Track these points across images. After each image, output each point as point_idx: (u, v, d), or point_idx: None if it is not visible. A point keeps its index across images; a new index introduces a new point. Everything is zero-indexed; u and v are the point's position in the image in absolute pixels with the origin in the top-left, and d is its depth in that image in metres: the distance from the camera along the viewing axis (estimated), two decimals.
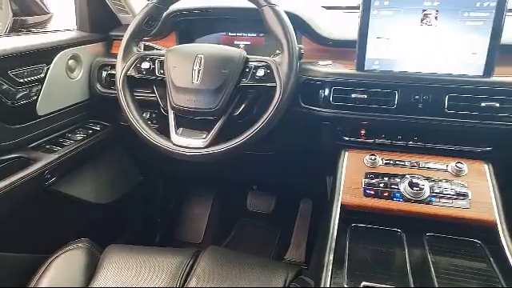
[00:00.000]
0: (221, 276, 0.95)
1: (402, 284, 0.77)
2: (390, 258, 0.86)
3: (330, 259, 0.82)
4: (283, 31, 0.96)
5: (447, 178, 0.98)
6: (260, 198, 1.94)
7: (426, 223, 0.93)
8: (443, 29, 0.99)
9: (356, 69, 1.06)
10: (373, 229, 0.95)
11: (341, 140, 1.12)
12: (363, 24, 1.03)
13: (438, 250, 0.87)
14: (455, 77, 1.00)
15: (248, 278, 0.94)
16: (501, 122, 0.97)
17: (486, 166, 1.00)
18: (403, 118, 1.02)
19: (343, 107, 1.06)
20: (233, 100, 1.01)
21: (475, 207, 0.92)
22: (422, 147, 1.06)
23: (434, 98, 1.00)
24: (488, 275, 0.81)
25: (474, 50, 0.98)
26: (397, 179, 0.99)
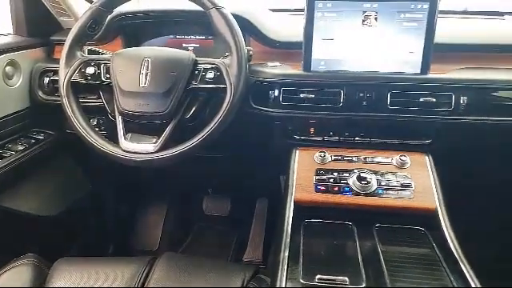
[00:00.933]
0: (177, 282, 0.94)
1: (355, 274, 0.80)
2: (343, 250, 0.89)
3: (285, 256, 0.84)
4: (231, 33, 0.97)
5: (392, 171, 1.03)
6: (216, 201, 1.93)
7: (374, 215, 0.97)
8: (383, 29, 1.04)
9: (303, 70, 1.09)
10: (325, 223, 0.98)
11: (292, 139, 1.15)
12: (308, 26, 1.06)
13: (387, 240, 0.92)
14: (396, 75, 1.05)
15: (205, 281, 0.94)
16: (437, 115, 1.04)
17: (427, 157, 1.07)
18: (349, 115, 1.07)
19: (292, 107, 1.09)
20: (183, 103, 1.01)
21: (418, 197, 0.97)
22: (368, 142, 1.11)
23: (377, 95, 1.05)
24: (431, 260, 0.86)
25: (411, 49, 1.05)
26: (346, 174, 1.02)
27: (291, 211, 0.97)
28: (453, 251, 0.86)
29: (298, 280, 0.78)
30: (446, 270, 0.83)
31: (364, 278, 0.79)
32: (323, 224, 0.98)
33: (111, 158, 0.98)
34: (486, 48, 1.17)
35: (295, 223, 0.95)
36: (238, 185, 1.80)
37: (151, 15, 1.29)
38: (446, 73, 1.07)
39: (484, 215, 1.35)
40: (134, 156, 0.97)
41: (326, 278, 0.78)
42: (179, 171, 1.56)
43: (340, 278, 0.78)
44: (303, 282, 0.78)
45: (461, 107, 1.03)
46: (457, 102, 1.03)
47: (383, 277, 0.79)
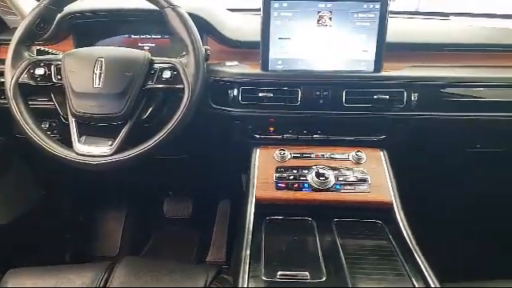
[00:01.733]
0: (138, 285, 0.92)
1: (315, 269, 0.82)
2: (303, 245, 0.90)
3: (247, 254, 0.84)
4: (187, 33, 0.96)
5: (349, 166, 1.06)
6: (177, 204, 1.90)
7: (333, 209, 1.00)
8: (337, 29, 1.06)
9: (261, 69, 1.10)
10: (286, 220, 0.99)
11: (252, 138, 1.15)
12: (265, 25, 1.07)
13: (345, 233, 0.94)
14: (350, 73, 1.08)
15: (167, 283, 0.92)
16: (391, 112, 1.08)
17: (382, 152, 1.11)
18: (307, 113, 1.09)
19: (252, 106, 1.09)
20: (139, 103, 0.99)
21: (374, 191, 1.01)
22: (325, 139, 1.13)
23: (333, 94, 1.07)
24: (388, 251, 0.89)
25: (364, 48, 1.08)
26: (305, 171, 1.04)
27: (252, 209, 0.97)
28: (407, 242, 0.90)
29: (260, 277, 0.79)
30: (402, 260, 0.86)
31: (324, 271, 0.81)
32: (284, 221, 0.99)
33: (65, 162, 0.94)
34: (434, 47, 1.22)
35: (257, 221, 0.96)
36: (200, 186, 1.78)
37: (104, 14, 1.25)
38: (398, 71, 1.11)
39: (437, 206, 1.42)
40: (88, 159, 0.94)
41: (287, 273, 0.79)
42: (138, 174, 1.52)
43: (301, 273, 0.79)
44: (265, 279, 0.78)
45: (412, 103, 1.07)
46: (408, 98, 1.07)
47: (343, 270, 0.81)
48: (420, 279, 0.80)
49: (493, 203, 1.48)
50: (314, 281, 0.78)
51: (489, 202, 1.47)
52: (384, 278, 0.80)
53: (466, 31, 1.34)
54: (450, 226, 1.48)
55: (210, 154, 1.40)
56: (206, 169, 1.52)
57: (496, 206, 1.50)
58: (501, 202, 1.47)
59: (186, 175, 1.64)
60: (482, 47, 1.22)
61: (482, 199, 1.45)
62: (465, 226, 1.49)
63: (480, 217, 1.51)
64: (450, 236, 1.47)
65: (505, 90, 1.11)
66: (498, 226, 1.53)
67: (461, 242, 1.49)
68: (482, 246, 1.52)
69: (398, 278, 0.81)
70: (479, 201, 1.46)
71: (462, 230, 1.49)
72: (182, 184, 1.79)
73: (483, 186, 1.40)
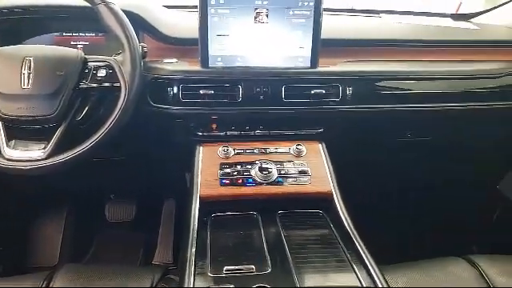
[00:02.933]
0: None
1: (261, 261, 0.83)
2: (249, 239, 0.92)
3: (192, 252, 0.84)
4: (122, 30, 0.94)
5: (290, 160, 1.09)
6: (120, 207, 1.84)
7: (277, 202, 1.02)
8: (274, 26, 1.08)
9: (201, 66, 1.10)
10: (231, 216, 1.00)
11: (195, 135, 1.15)
12: (202, 22, 1.06)
13: (289, 225, 0.97)
14: (288, 69, 1.11)
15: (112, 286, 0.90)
16: (328, 106, 1.12)
17: (320, 145, 1.15)
18: (248, 109, 1.10)
19: (193, 103, 1.08)
20: (73, 104, 0.94)
21: (315, 182, 1.04)
22: (267, 134, 1.15)
23: (273, 90, 1.09)
24: (330, 240, 0.93)
25: (301, 44, 1.11)
26: (248, 166, 1.05)
27: (197, 208, 0.97)
28: (347, 229, 0.94)
29: (207, 274, 0.79)
30: (343, 247, 0.90)
31: (269, 263, 0.82)
32: (229, 217, 1.00)
33: None
34: (367, 42, 1.28)
35: (202, 219, 0.96)
36: (143, 187, 1.74)
37: (32, 10, 1.17)
38: (333, 66, 1.15)
39: (374, 193, 1.49)
40: (19, 165, 0.88)
41: (233, 268, 0.80)
42: (76, 178, 1.45)
43: (247, 266, 0.80)
44: (211, 275, 0.79)
45: (347, 97, 1.12)
46: (344, 92, 1.12)
47: (287, 260, 0.84)
48: (359, 263, 0.84)
49: (423, 188, 1.59)
50: (260, 273, 0.79)
51: (419, 186, 1.58)
52: (326, 265, 0.84)
53: (395, 28, 1.42)
54: (387, 211, 1.57)
55: (152, 154, 1.37)
56: (148, 169, 1.48)
57: (426, 191, 1.61)
58: (430, 186, 1.58)
59: (127, 177, 1.59)
60: (410, 43, 1.29)
61: (413, 185, 1.56)
62: (399, 210, 1.59)
63: (412, 201, 1.62)
64: (386, 220, 1.56)
65: (430, 82, 1.19)
66: (429, 209, 1.65)
67: (396, 225, 1.58)
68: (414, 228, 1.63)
69: (339, 264, 0.85)
70: (411, 186, 1.56)
71: (397, 215, 1.58)
72: (124, 186, 1.74)
73: (414, 172, 1.50)
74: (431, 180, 1.56)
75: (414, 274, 0.98)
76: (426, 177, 1.54)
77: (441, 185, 1.59)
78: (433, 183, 1.58)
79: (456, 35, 1.35)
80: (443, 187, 1.60)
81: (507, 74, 1.19)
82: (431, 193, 1.63)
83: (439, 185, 1.59)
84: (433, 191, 1.63)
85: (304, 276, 0.80)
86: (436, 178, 1.55)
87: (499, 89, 1.19)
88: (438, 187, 1.61)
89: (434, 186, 1.59)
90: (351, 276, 0.81)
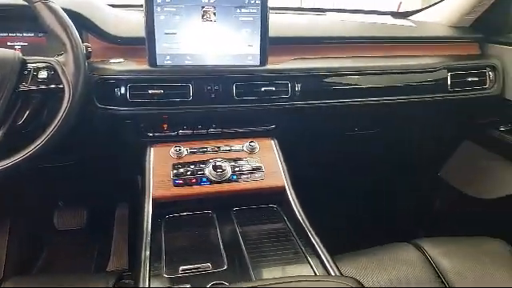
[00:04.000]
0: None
1: (217, 259, 0.84)
2: (205, 238, 0.92)
3: (146, 255, 0.83)
4: (63, 29, 0.90)
5: (244, 157, 1.10)
6: (69, 214, 1.76)
7: (232, 200, 1.03)
8: (222, 24, 1.08)
9: (149, 65, 1.07)
10: (186, 216, 1.00)
11: (145, 136, 1.12)
12: (149, 21, 1.04)
13: (244, 221, 0.98)
14: (238, 67, 1.11)
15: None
16: (278, 102, 1.14)
17: (273, 141, 1.17)
18: (200, 108, 1.09)
19: (142, 104, 1.06)
20: (13, 108, 0.89)
21: (269, 177, 1.06)
22: (220, 133, 1.15)
23: (224, 88, 1.10)
24: (284, 233, 0.95)
25: (249, 42, 1.11)
26: (202, 165, 1.05)
27: (150, 210, 0.95)
28: (301, 223, 0.97)
29: (162, 275, 0.78)
30: (298, 240, 0.93)
31: (225, 260, 0.83)
32: (184, 217, 1.00)
33: None
34: (314, 40, 1.32)
35: (156, 221, 0.94)
36: (94, 192, 1.68)
37: None
38: (282, 64, 1.17)
39: (326, 186, 1.54)
40: None
41: (189, 267, 0.79)
42: (20, 185, 1.38)
43: (203, 265, 0.80)
44: (167, 276, 0.78)
45: (296, 94, 1.15)
46: (293, 89, 1.14)
47: (243, 256, 0.85)
48: (313, 254, 0.87)
49: (371, 179, 1.67)
50: (216, 270, 0.80)
51: (368, 177, 1.65)
52: (281, 258, 0.86)
53: (340, 26, 1.47)
54: (338, 202, 1.62)
55: (102, 158, 1.32)
56: (98, 173, 1.44)
57: (374, 181, 1.68)
58: (378, 177, 1.66)
59: (76, 182, 1.53)
60: (354, 40, 1.34)
61: (362, 176, 1.62)
62: (350, 201, 1.65)
63: (362, 192, 1.69)
64: (338, 212, 1.62)
65: (374, 77, 1.24)
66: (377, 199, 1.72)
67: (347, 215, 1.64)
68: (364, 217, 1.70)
69: (294, 255, 0.87)
70: (360, 177, 1.63)
71: (348, 205, 1.64)
72: (74, 192, 1.67)
73: (362, 164, 1.56)
74: (379, 171, 1.64)
75: (365, 261, 1.02)
76: (373, 168, 1.61)
77: (388, 175, 1.67)
78: (380, 174, 1.66)
79: (396, 32, 1.42)
80: (390, 177, 1.68)
81: (443, 67, 1.27)
82: (379, 183, 1.71)
83: (387, 175, 1.67)
84: (381, 181, 1.70)
85: (260, 270, 0.81)
86: (383, 168, 1.63)
87: (436, 82, 1.26)
88: (386, 177, 1.69)
89: (381, 177, 1.67)
90: (306, 266, 0.83)
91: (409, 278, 0.97)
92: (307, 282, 0.65)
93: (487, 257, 1.04)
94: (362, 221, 1.69)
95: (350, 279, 0.68)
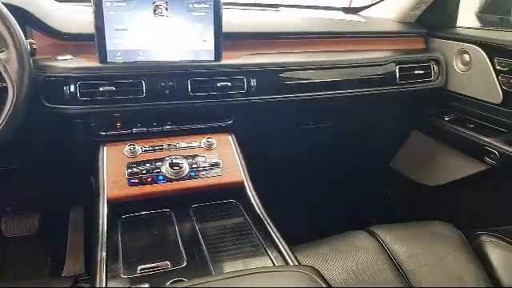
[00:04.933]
0: None
1: (176, 256, 0.83)
2: (163, 237, 0.91)
3: (102, 256, 0.81)
4: (3, 25, 0.85)
5: (201, 153, 1.09)
6: (19, 220, 1.67)
7: (190, 197, 1.03)
8: (174, 19, 1.07)
9: (99, 62, 1.04)
10: (144, 215, 0.98)
11: (97, 136, 1.09)
12: (98, 16, 1.01)
13: (204, 218, 0.98)
14: (192, 63, 1.10)
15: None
16: (234, 98, 1.14)
17: (230, 136, 1.17)
18: (154, 105, 1.07)
19: (92, 102, 1.03)
20: None
21: (227, 172, 1.06)
22: (176, 130, 1.14)
23: (178, 84, 1.08)
24: (244, 227, 0.96)
25: (203, 37, 1.11)
26: (158, 163, 1.04)
27: (105, 211, 0.93)
28: (260, 216, 0.98)
29: (120, 276, 0.77)
30: (257, 234, 0.94)
31: (185, 257, 0.83)
32: (141, 216, 0.98)
33: None
34: (268, 35, 1.33)
35: (111, 222, 0.92)
36: (46, 196, 1.60)
37: None
38: (237, 59, 1.17)
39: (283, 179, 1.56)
40: None
41: (147, 266, 0.78)
42: None
43: (162, 263, 0.80)
44: (125, 276, 0.77)
45: (252, 89, 1.15)
46: (248, 84, 1.15)
47: (202, 252, 0.85)
48: (272, 246, 0.89)
49: (327, 170, 1.71)
50: (175, 268, 0.79)
51: (324, 169, 1.69)
52: (241, 252, 0.87)
53: (293, 21, 1.49)
54: (296, 194, 1.65)
55: (52, 159, 1.27)
56: (49, 176, 1.38)
57: (330, 173, 1.73)
58: (333, 168, 1.71)
59: (27, 186, 1.46)
60: (307, 35, 1.37)
61: (318, 168, 1.66)
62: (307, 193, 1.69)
63: (319, 183, 1.73)
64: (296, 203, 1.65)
65: (327, 71, 1.27)
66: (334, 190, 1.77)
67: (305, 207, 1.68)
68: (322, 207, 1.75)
69: (253, 248, 0.88)
70: (316, 169, 1.66)
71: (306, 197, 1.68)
72: (24, 196, 1.59)
73: (318, 156, 1.60)
74: (334, 163, 1.68)
75: (323, 250, 1.05)
76: (329, 160, 1.66)
77: (343, 166, 1.72)
78: (336, 165, 1.70)
79: (347, 27, 1.46)
80: (345, 169, 1.73)
81: (391, 61, 1.32)
82: (335, 174, 1.76)
83: (341, 167, 1.71)
84: (337, 173, 1.75)
85: (220, 264, 0.82)
86: (338, 160, 1.68)
87: (385, 75, 1.31)
88: (341, 169, 1.74)
89: (337, 168, 1.71)
90: (265, 259, 0.85)
91: (365, 263, 1.01)
92: (266, 273, 0.66)
93: (437, 239, 1.10)
94: (320, 211, 1.73)
95: (308, 268, 0.70)
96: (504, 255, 1.05)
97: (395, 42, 1.45)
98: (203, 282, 0.62)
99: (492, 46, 1.26)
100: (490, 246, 1.08)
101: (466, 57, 1.34)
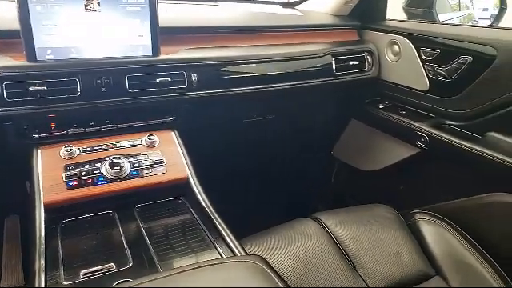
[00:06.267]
0: None
1: (121, 258, 0.81)
2: (107, 239, 0.88)
3: (41, 265, 0.77)
4: None
5: (143, 152, 1.07)
6: None
7: (134, 197, 1.00)
8: (108, 14, 1.03)
9: (27, 60, 0.98)
10: (85, 219, 0.94)
11: (31, 138, 1.03)
12: (22, 12, 0.95)
13: (149, 217, 0.96)
14: (129, 59, 1.07)
15: None
16: (175, 93, 1.12)
17: (173, 133, 1.16)
18: (90, 103, 1.03)
19: (22, 103, 0.96)
20: None
21: (171, 170, 1.05)
22: (116, 128, 1.10)
23: (115, 81, 1.05)
24: (192, 224, 0.96)
25: (140, 32, 1.08)
26: (98, 164, 1.00)
27: (42, 216, 0.88)
28: (207, 211, 0.98)
29: (61, 283, 0.73)
30: (204, 229, 0.94)
31: (130, 258, 0.81)
32: (83, 220, 0.94)
33: None
34: (207, 29, 1.32)
35: (50, 228, 0.88)
36: None
37: None
38: (175, 54, 1.15)
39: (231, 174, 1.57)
40: None
41: (90, 270, 0.76)
42: None
43: (106, 266, 0.77)
44: (66, 283, 0.74)
45: (193, 84, 1.14)
46: (189, 79, 1.14)
47: (149, 251, 0.83)
48: (220, 240, 0.89)
49: (273, 161, 1.75)
50: (121, 269, 0.77)
51: (269, 160, 1.72)
52: (189, 248, 0.86)
53: (232, 15, 1.50)
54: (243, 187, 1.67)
55: None
56: None
57: (276, 164, 1.77)
58: (278, 159, 1.74)
59: None
60: (246, 29, 1.38)
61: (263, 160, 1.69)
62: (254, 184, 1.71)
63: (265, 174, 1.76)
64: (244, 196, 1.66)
65: (267, 64, 1.28)
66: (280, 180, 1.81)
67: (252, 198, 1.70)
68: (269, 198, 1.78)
69: (201, 243, 0.88)
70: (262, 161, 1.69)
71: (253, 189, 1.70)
72: None
73: (263, 148, 1.63)
74: (279, 154, 1.72)
75: (272, 239, 1.07)
76: (274, 152, 1.69)
77: (288, 157, 1.76)
78: (281, 157, 1.74)
79: (285, 21, 1.49)
80: (290, 159, 1.78)
81: (327, 53, 1.37)
82: (281, 165, 1.80)
83: (287, 157, 1.76)
84: (282, 164, 1.79)
85: (167, 262, 0.81)
86: (283, 151, 1.72)
87: (322, 67, 1.36)
88: (286, 160, 1.78)
89: (282, 159, 1.75)
90: (213, 252, 0.85)
91: (311, 249, 1.05)
92: (213, 265, 0.66)
93: (377, 221, 1.17)
94: (268, 203, 1.76)
95: (255, 257, 0.72)
96: (435, 230, 1.14)
97: (331, 34, 1.50)
98: (149, 281, 0.61)
99: (418, 37, 1.35)
100: (423, 223, 1.16)
101: (396, 47, 1.42)
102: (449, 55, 1.25)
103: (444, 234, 1.14)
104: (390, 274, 1.03)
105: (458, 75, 1.23)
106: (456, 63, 1.23)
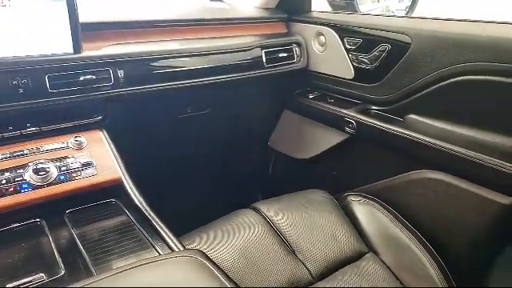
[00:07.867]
0: None
1: (52, 267, 0.77)
2: (35, 249, 0.83)
3: None
4: None
5: (70, 154, 1.01)
6: None
7: (63, 202, 0.95)
8: (21, 9, 0.96)
9: None
10: (10, 229, 0.88)
11: None
12: None
13: (81, 222, 0.92)
14: (48, 57, 1.00)
15: None
16: (101, 91, 1.07)
17: (101, 133, 1.11)
18: (6, 106, 0.95)
19: None
20: None
21: (102, 171, 1.01)
22: (38, 132, 1.04)
23: (34, 81, 0.98)
24: (128, 225, 0.93)
25: (58, 29, 1.01)
26: (20, 170, 0.93)
27: None
28: (143, 211, 0.96)
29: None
30: (140, 228, 0.91)
31: (62, 266, 0.77)
32: (8, 231, 0.88)
33: None
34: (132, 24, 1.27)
35: None
36: None
37: None
38: (99, 50, 1.10)
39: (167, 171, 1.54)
40: None
41: (18, 283, 0.71)
42: None
43: (35, 276, 0.73)
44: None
45: (120, 80, 1.10)
46: (115, 75, 1.09)
47: (82, 257, 0.80)
48: (158, 238, 0.88)
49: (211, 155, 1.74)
50: (52, 279, 0.73)
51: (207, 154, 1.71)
52: (126, 249, 0.84)
53: (158, 9, 1.46)
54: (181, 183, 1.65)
55: None
56: None
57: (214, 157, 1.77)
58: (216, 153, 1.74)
59: None
60: (172, 23, 1.34)
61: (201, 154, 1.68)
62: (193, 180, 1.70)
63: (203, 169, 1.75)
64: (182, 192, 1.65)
65: (197, 58, 1.27)
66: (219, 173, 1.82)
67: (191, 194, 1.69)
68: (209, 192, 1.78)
69: (138, 243, 0.86)
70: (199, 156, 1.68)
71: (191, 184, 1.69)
72: None
73: (200, 143, 1.62)
74: (217, 148, 1.72)
75: (213, 233, 1.08)
76: (210, 146, 1.69)
77: (227, 150, 1.76)
78: (219, 150, 1.74)
79: (214, 14, 1.48)
80: (229, 152, 1.79)
81: (257, 46, 1.39)
82: (220, 159, 1.80)
83: (225, 151, 1.76)
84: (221, 157, 1.79)
85: (103, 266, 0.78)
86: (221, 145, 1.72)
87: (253, 59, 1.38)
88: (225, 153, 1.78)
89: (219, 153, 1.75)
90: (151, 251, 0.83)
91: (252, 239, 1.07)
92: (150, 264, 0.65)
93: (312, 205, 1.22)
94: (208, 197, 1.76)
95: (193, 251, 0.71)
96: (367, 210, 1.22)
97: (259, 27, 1.52)
98: (83, 286, 0.59)
99: (341, 28, 1.41)
100: (355, 204, 1.23)
101: (322, 38, 1.48)
102: (370, 44, 1.32)
103: (375, 213, 1.21)
104: (327, 255, 1.08)
105: (379, 62, 1.31)
106: (377, 51, 1.31)
